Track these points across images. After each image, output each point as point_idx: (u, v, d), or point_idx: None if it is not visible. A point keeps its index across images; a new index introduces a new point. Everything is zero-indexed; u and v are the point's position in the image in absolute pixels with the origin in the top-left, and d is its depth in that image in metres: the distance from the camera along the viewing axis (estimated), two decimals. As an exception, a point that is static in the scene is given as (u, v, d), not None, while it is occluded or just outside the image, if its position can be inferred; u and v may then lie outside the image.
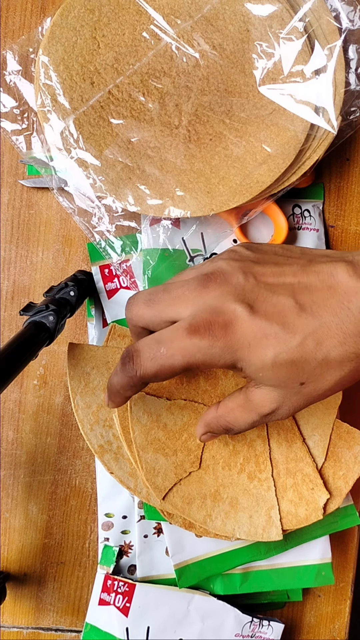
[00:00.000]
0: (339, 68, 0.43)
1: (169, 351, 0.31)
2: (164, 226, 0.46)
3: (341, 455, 0.44)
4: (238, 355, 0.30)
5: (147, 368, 0.32)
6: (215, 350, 0.30)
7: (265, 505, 0.42)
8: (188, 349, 0.31)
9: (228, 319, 0.30)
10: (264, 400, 0.32)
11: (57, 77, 0.42)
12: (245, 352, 0.30)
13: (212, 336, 0.30)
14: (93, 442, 0.43)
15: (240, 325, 0.30)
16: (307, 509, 0.42)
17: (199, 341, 0.30)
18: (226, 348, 0.30)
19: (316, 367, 0.30)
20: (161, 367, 0.31)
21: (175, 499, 0.41)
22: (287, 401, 0.32)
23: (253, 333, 0.30)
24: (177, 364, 0.31)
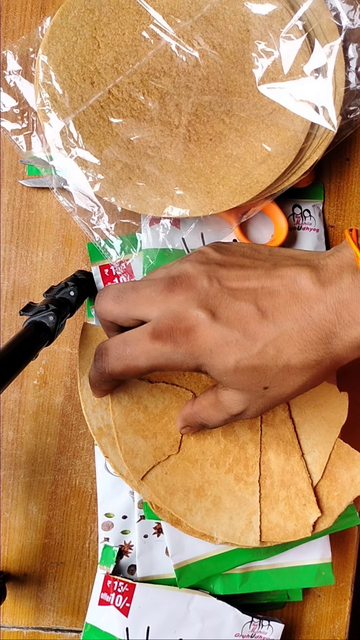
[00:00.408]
0: (339, 67, 0.43)
1: (133, 353, 0.32)
2: (164, 225, 0.46)
3: (338, 475, 0.43)
4: (200, 361, 0.31)
5: (114, 367, 0.33)
6: (177, 356, 0.31)
7: (247, 510, 0.42)
8: (151, 353, 0.31)
9: (190, 325, 0.31)
10: (231, 401, 0.33)
11: (57, 77, 0.42)
12: (208, 358, 0.31)
13: (174, 342, 0.31)
14: (93, 424, 0.43)
15: (202, 331, 0.31)
16: (296, 524, 0.42)
17: (162, 347, 0.31)
18: (188, 354, 0.31)
19: (278, 373, 0.31)
20: (126, 367, 0.32)
21: (158, 487, 0.41)
22: (254, 403, 0.33)
23: (214, 340, 0.31)
24: (142, 365, 0.32)
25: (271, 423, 0.43)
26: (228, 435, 0.43)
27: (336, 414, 0.44)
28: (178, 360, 0.31)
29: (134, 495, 0.47)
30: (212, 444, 0.42)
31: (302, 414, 0.44)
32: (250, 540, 0.41)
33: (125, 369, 0.33)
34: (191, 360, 0.31)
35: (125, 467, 0.42)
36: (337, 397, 0.44)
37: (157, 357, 0.31)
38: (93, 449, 0.49)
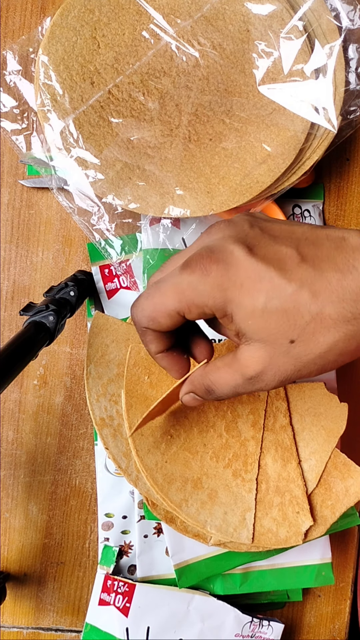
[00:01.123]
0: (339, 67, 0.43)
1: (162, 289, 0.30)
2: (164, 225, 0.46)
3: (333, 485, 0.44)
4: (229, 296, 0.28)
5: (144, 308, 0.31)
6: (205, 287, 0.29)
7: (242, 506, 0.42)
8: (178, 285, 0.29)
9: (223, 256, 0.29)
10: (250, 359, 0.30)
11: (57, 77, 0.42)
12: (237, 293, 0.28)
13: (203, 271, 0.29)
14: (96, 414, 0.43)
15: (235, 263, 0.28)
16: (288, 531, 0.42)
17: (189, 275, 0.29)
18: (216, 285, 0.28)
19: (309, 321, 0.28)
20: (154, 306, 0.30)
21: (157, 474, 0.41)
22: (274, 363, 0.29)
23: (247, 274, 0.28)
24: (169, 302, 0.30)
25: (271, 428, 0.44)
26: (231, 430, 0.43)
27: (335, 424, 0.44)
28: (205, 292, 0.28)
29: (134, 495, 0.47)
30: (214, 437, 0.43)
31: (302, 422, 0.44)
32: (242, 537, 0.41)
33: (154, 309, 0.30)
34: (219, 292, 0.28)
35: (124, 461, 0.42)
36: (337, 408, 0.44)
37: (184, 289, 0.29)
38: (93, 449, 0.49)
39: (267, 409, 0.44)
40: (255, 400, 0.44)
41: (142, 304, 0.31)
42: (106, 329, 0.44)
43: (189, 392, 0.34)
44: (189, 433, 0.42)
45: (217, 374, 0.32)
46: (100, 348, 0.44)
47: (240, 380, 0.31)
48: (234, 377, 0.31)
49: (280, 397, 0.44)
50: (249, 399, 0.43)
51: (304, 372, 0.30)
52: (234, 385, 0.31)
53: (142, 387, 0.43)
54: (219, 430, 0.43)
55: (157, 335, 0.32)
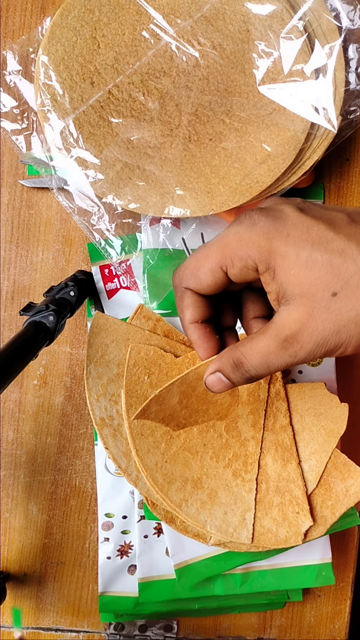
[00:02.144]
0: (339, 67, 0.43)
1: (207, 245, 0.30)
2: (164, 225, 0.46)
3: (333, 485, 0.44)
4: (274, 245, 0.28)
5: (187, 265, 0.30)
6: (251, 235, 0.28)
7: (242, 506, 0.42)
8: (224, 238, 0.29)
9: (273, 212, 0.29)
10: (287, 317, 0.28)
11: (57, 77, 0.42)
12: (282, 242, 0.28)
13: (251, 220, 0.28)
14: (96, 414, 0.43)
15: (284, 217, 0.28)
16: (288, 531, 0.42)
17: (237, 226, 0.29)
18: (263, 233, 0.28)
19: (354, 273, 0.27)
20: (197, 261, 0.30)
21: (157, 474, 0.41)
22: (313, 320, 0.27)
23: (295, 225, 0.28)
24: (212, 254, 0.29)
25: (271, 429, 0.44)
26: (231, 430, 0.43)
27: (335, 424, 0.44)
28: (250, 241, 0.28)
29: (134, 495, 0.47)
30: (214, 437, 0.43)
31: (302, 422, 0.44)
32: (242, 536, 0.41)
33: (196, 265, 0.30)
34: (264, 241, 0.28)
35: (124, 461, 0.42)
36: (338, 408, 0.44)
37: (229, 241, 0.29)
38: (93, 449, 0.49)
39: (267, 409, 0.44)
40: (255, 400, 0.44)
41: (185, 263, 0.31)
42: (106, 329, 0.44)
43: (215, 370, 0.32)
44: (189, 433, 0.42)
45: (248, 344, 0.30)
46: (100, 348, 0.44)
47: (273, 345, 0.29)
48: (267, 342, 0.29)
49: (280, 397, 0.44)
50: (249, 399, 0.43)
51: (343, 335, 0.28)
52: (266, 353, 0.29)
53: (142, 387, 0.43)
54: (219, 430, 0.43)
55: (195, 299, 0.31)
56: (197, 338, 0.32)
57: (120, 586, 0.47)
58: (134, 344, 0.44)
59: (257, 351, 0.29)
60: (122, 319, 0.46)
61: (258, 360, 0.30)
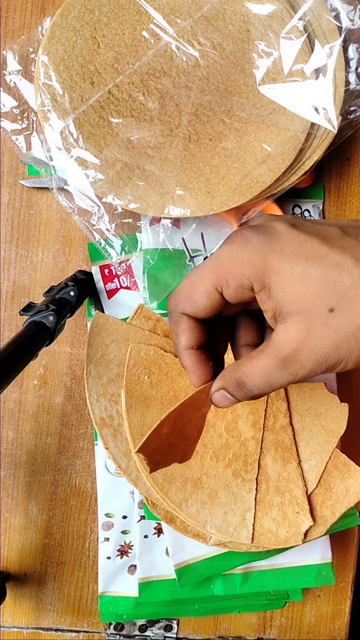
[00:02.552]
0: (339, 67, 0.43)
1: (200, 267, 0.30)
2: (164, 225, 0.46)
3: (333, 485, 0.44)
4: (268, 262, 0.27)
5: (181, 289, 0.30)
6: (244, 253, 0.28)
7: (242, 506, 0.42)
8: (217, 258, 0.29)
9: (265, 229, 0.28)
10: (285, 336, 0.28)
11: (57, 77, 0.42)
12: (276, 259, 0.27)
13: (243, 239, 0.28)
14: (96, 414, 0.43)
15: (277, 234, 0.28)
16: (288, 531, 0.42)
17: (229, 245, 0.28)
18: (256, 251, 0.28)
19: (351, 286, 0.27)
20: (191, 284, 0.30)
21: (157, 474, 0.41)
22: (312, 338, 0.27)
23: (288, 241, 0.28)
24: (206, 276, 0.29)
25: (271, 428, 0.44)
26: (231, 430, 0.43)
27: (335, 424, 0.44)
28: (244, 260, 0.28)
29: (134, 495, 0.47)
30: (214, 437, 0.43)
31: (302, 422, 0.44)
32: (242, 536, 0.41)
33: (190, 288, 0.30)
34: (258, 258, 0.28)
35: (124, 460, 0.42)
36: (338, 408, 0.44)
37: (222, 260, 0.28)
38: (93, 449, 0.49)
39: (267, 409, 0.44)
40: (255, 400, 0.44)
41: (179, 288, 0.30)
42: (106, 329, 0.44)
43: (219, 388, 0.32)
44: None
45: (249, 363, 0.30)
46: (100, 348, 0.44)
47: (273, 365, 0.29)
48: (267, 361, 0.29)
49: (280, 397, 0.44)
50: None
51: (342, 351, 0.27)
52: (267, 372, 0.29)
53: (142, 387, 0.43)
54: (219, 430, 0.43)
55: (191, 324, 0.31)
56: (191, 364, 0.32)
57: (120, 586, 0.47)
58: (134, 344, 0.44)
59: (258, 370, 0.29)
60: (122, 319, 0.46)
61: (259, 380, 0.29)
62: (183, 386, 0.43)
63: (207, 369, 0.32)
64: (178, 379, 0.43)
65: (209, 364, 0.32)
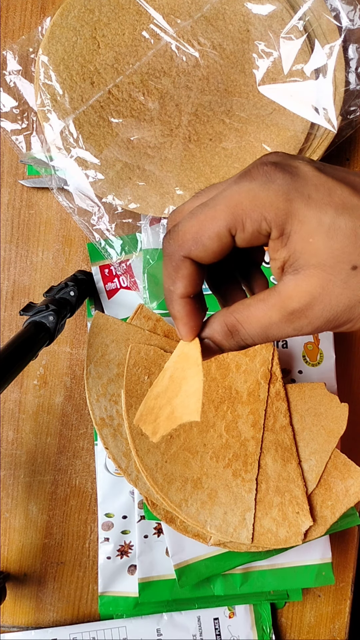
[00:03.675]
0: (339, 67, 0.43)
1: (210, 204, 0.26)
2: (164, 225, 0.46)
3: (333, 485, 0.44)
4: (293, 207, 0.25)
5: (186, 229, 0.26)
6: (268, 194, 0.25)
7: (242, 506, 0.42)
8: (234, 195, 0.25)
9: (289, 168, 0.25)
10: (296, 288, 0.25)
11: (57, 77, 0.42)
12: (303, 204, 0.25)
13: (266, 177, 0.25)
14: (96, 414, 0.43)
15: (303, 176, 0.25)
16: (288, 531, 0.42)
17: (249, 183, 0.25)
18: (281, 193, 0.25)
19: None
20: (200, 224, 0.26)
21: (157, 474, 0.41)
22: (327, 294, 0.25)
23: (316, 186, 0.25)
24: (220, 215, 0.25)
25: (271, 429, 0.44)
26: (231, 430, 0.43)
27: (335, 424, 0.44)
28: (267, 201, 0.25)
29: (134, 495, 0.47)
30: (214, 437, 0.43)
31: (302, 422, 0.44)
32: (242, 536, 0.41)
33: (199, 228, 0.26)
34: (283, 202, 0.25)
35: (124, 460, 0.42)
36: (338, 408, 0.44)
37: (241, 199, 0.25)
38: (93, 449, 0.49)
39: (267, 410, 0.44)
40: (255, 400, 0.44)
41: (184, 226, 0.26)
42: (106, 329, 0.44)
43: (205, 337, 0.28)
44: (189, 433, 0.42)
45: (244, 311, 0.27)
46: (100, 348, 0.44)
47: (276, 317, 0.26)
48: (269, 312, 0.26)
49: (280, 397, 0.44)
50: (249, 399, 0.43)
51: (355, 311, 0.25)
52: (267, 323, 0.26)
53: (142, 387, 0.43)
54: (219, 430, 0.43)
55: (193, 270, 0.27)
56: (184, 315, 0.28)
57: (120, 586, 0.47)
58: (134, 344, 0.44)
59: (256, 320, 0.26)
60: (122, 319, 0.46)
61: (256, 330, 0.27)
62: None
63: (199, 320, 0.29)
64: None
65: (201, 315, 0.29)
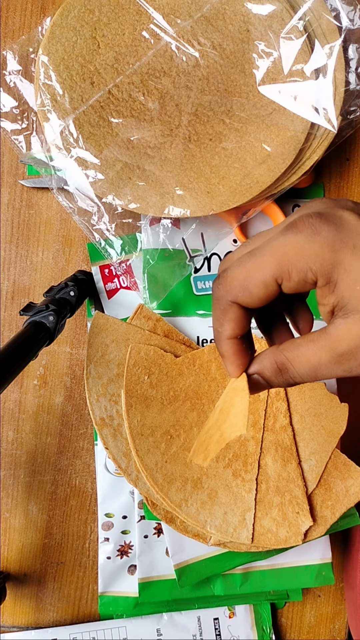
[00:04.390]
0: (339, 67, 0.43)
1: (258, 253, 0.27)
2: (164, 225, 0.46)
3: (333, 485, 0.44)
4: (339, 257, 0.26)
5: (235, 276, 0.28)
6: (313, 246, 0.26)
7: (242, 506, 0.42)
8: (280, 247, 0.26)
9: (333, 219, 0.27)
10: (347, 332, 0.26)
11: (57, 77, 0.42)
12: (348, 255, 0.26)
13: (312, 229, 0.26)
14: (96, 414, 0.43)
15: (347, 226, 0.26)
16: (288, 531, 0.42)
17: (295, 235, 0.26)
18: (327, 245, 0.26)
19: None
20: (248, 272, 0.27)
21: (157, 474, 0.41)
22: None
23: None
24: (267, 266, 0.27)
25: (271, 429, 0.44)
26: None
27: (335, 424, 0.44)
28: (312, 253, 0.26)
29: (134, 495, 0.47)
30: None
31: (302, 422, 0.44)
32: (242, 537, 0.41)
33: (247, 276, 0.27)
34: (329, 253, 0.26)
35: (124, 460, 0.42)
36: (338, 408, 0.44)
37: (287, 251, 0.26)
38: (93, 449, 0.49)
39: (267, 410, 0.44)
40: (255, 400, 0.44)
41: (232, 273, 0.28)
42: (106, 329, 0.44)
43: (254, 372, 0.30)
44: (188, 433, 0.42)
45: (295, 350, 0.28)
46: (100, 348, 0.44)
47: (325, 358, 0.27)
48: (319, 353, 0.27)
49: (280, 397, 0.44)
50: (249, 399, 0.43)
51: None
52: (316, 364, 0.27)
53: (142, 387, 0.43)
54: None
55: (240, 314, 0.29)
56: (232, 354, 0.30)
57: (120, 586, 0.47)
58: (134, 344, 0.44)
59: (306, 360, 0.28)
60: (122, 319, 0.46)
61: (306, 369, 0.28)
62: (183, 386, 0.43)
63: (246, 359, 0.30)
64: (178, 379, 0.43)
65: (248, 354, 0.31)
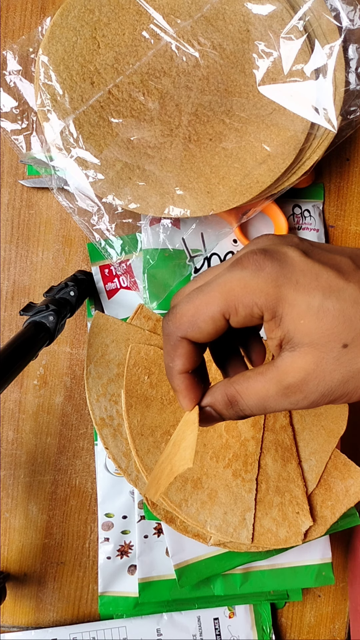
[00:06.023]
0: (339, 67, 0.43)
1: (205, 289, 0.28)
2: (164, 225, 0.46)
3: (333, 485, 0.44)
4: (283, 292, 0.27)
5: (183, 313, 0.28)
6: (258, 282, 0.27)
7: (242, 506, 0.42)
8: (226, 283, 0.27)
9: (277, 255, 0.27)
10: (292, 365, 0.27)
11: (57, 77, 0.42)
12: (292, 290, 0.27)
13: (256, 266, 0.27)
14: (96, 414, 0.43)
15: (291, 262, 0.27)
16: (288, 531, 0.42)
17: (241, 271, 0.27)
18: (271, 280, 0.27)
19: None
20: (196, 308, 0.28)
21: None
22: (320, 370, 0.27)
23: (303, 272, 0.27)
24: (214, 301, 0.27)
25: (272, 428, 0.44)
26: (231, 430, 0.43)
27: (335, 424, 0.44)
28: (257, 289, 0.27)
29: (134, 495, 0.47)
30: (214, 437, 0.43)
31: (302, 422, 0.44)
32: (242, 536, 0.41)
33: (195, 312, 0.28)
34: (272, 289, 0.27)
35: (124, 460, 0.42)
36: (338, 408, 0.44)
37: (233, 287, 0.27)
38: (93, 449, 0.49)
39: None
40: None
41: (181, 309, 0.29)
42: (106, 329, 0.44)
43: (206, 405, 0.31)
44: None
45: (244, 383, 0.29)
46: (100, 348, 0.44)
47: (273, 390, 0.28)
48: (267, 386, 0.28)
49: None
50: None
51: (350, 385, 0.27)
52: (264, 396, 0.28)
53: (142, 387, 0.43)
54: (219, 430, 0.43)
55: (190, 349, 0.30)
56: (184, 388, 0.31)
57: (120, 586, 0.47)
58: (134, 344, 0.44)
59: (255, 392, 0.28)
60: (122, 319, 0.46)
61: (254, 402, 0.29)
62: None
63: (198, 392, 0.31)
64: None
65: (200, 387, 0.31)
